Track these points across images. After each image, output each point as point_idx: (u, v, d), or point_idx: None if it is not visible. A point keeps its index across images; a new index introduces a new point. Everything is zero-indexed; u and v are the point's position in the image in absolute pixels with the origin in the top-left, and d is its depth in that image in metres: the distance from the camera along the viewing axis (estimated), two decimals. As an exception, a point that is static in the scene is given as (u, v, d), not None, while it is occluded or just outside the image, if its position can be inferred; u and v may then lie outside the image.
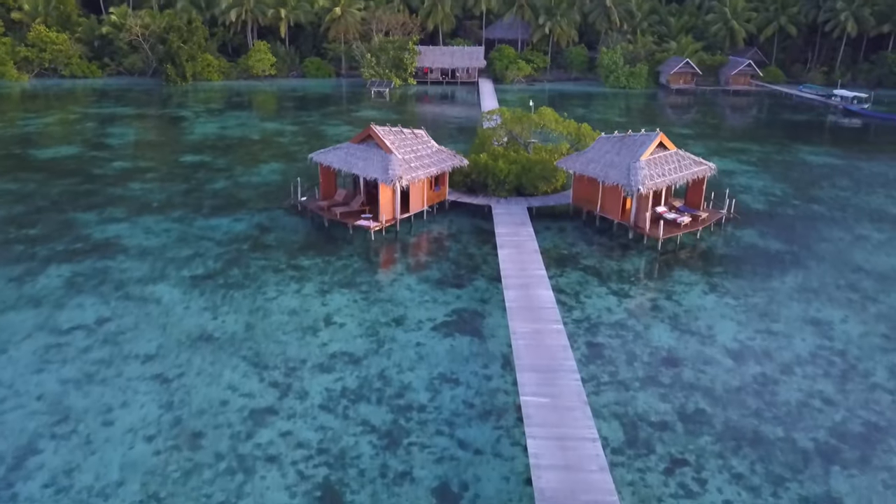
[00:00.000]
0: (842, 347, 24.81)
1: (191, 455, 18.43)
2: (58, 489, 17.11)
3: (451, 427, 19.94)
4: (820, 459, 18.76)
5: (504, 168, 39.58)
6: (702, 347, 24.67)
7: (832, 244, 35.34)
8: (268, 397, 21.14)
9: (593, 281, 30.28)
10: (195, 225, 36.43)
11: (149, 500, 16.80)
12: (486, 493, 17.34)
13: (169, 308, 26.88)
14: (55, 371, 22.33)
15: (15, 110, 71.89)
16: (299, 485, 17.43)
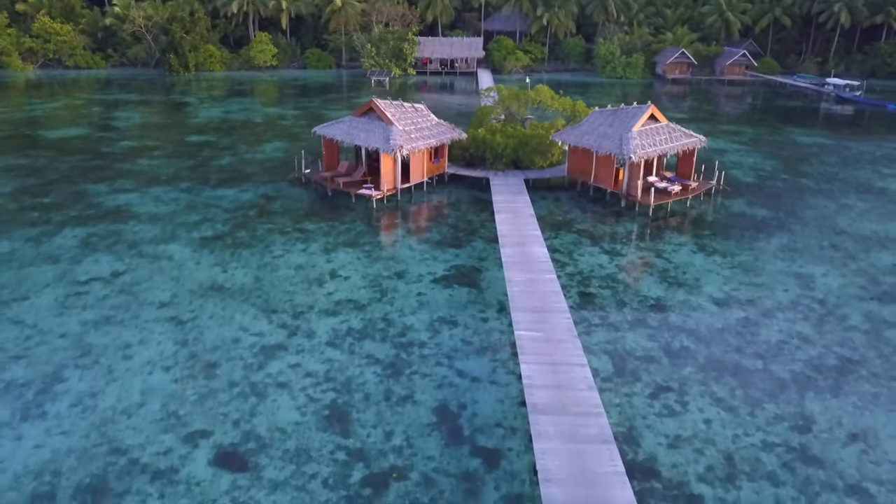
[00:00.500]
0: (821, 297, 26.11)
1: (206, 383, 19.70)
2: (84, 408, 18.37)
3: (450, 360, 21.22)
4: (795, 386, 20.05)
5: (501, 142, 40.87)
6: (688, 296, 25.97)
7: (817, 211, 36.66)
8: (277, 336, 22.42)
9: (586, 242, 31.57)
10: (202, 195, 37.69)
11: (168, 417, 18.07)
12: (482, 412, 18.62)
13: (181, 263, 28.16)
14: (76, 314, 23.59)
15: (21, 97, 73.15)
16: (308, 406, 18.71)
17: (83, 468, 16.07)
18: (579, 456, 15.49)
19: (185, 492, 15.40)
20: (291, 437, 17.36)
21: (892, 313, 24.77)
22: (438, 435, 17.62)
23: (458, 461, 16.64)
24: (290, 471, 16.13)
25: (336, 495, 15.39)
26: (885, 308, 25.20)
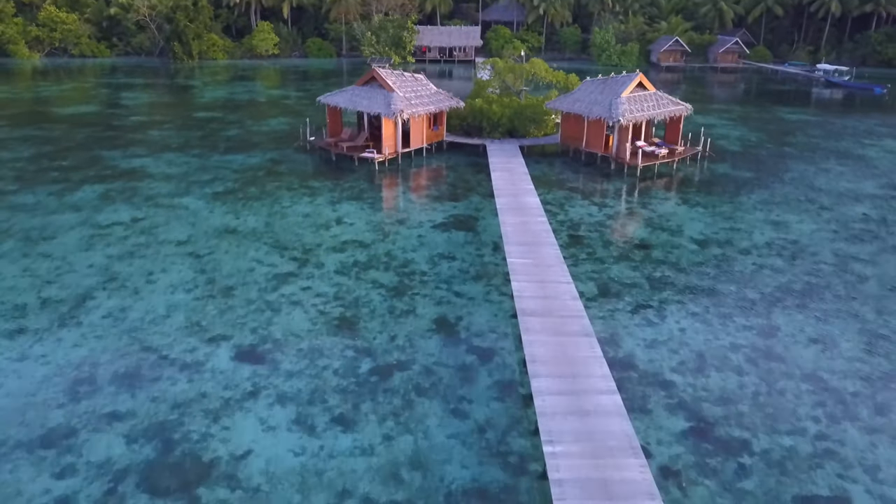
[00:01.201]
0: (795, 238, 27.98)
1: (224, 301, 21.53)
2: (114, 319, 20.19)
3: (448, 284, 23.06)
4: (764, 304, 21.90)
5: (498, 111, 42.74)
6: (671, 238, 27.83)
7: (797, 173, 38.54)
8: (288, 267, 24.25)
9: (577, 197, 33.42)
10: (212, 159, 39.49)
11: (192, 326, 19.89)
12: (477, 322, 20.46)
13: (195, 212, 29.98)
14: (100, 250, 25.42)
15: (30, 82, 74.91)
16: (319, 318, 20.54)
17: (117, 361, 17.89)
18: (562, 346, 17.35)
19: (210, 378, 17.23)
20: (304, 340, 19.19)
21: (859, 251, 26.64)
22: (437, 338, 19.46)
23: (456, 357, 18.49)
24: (304, 364, 17.95)
25: (346, 381, 17.21)
26: (852, 246, 27.07)
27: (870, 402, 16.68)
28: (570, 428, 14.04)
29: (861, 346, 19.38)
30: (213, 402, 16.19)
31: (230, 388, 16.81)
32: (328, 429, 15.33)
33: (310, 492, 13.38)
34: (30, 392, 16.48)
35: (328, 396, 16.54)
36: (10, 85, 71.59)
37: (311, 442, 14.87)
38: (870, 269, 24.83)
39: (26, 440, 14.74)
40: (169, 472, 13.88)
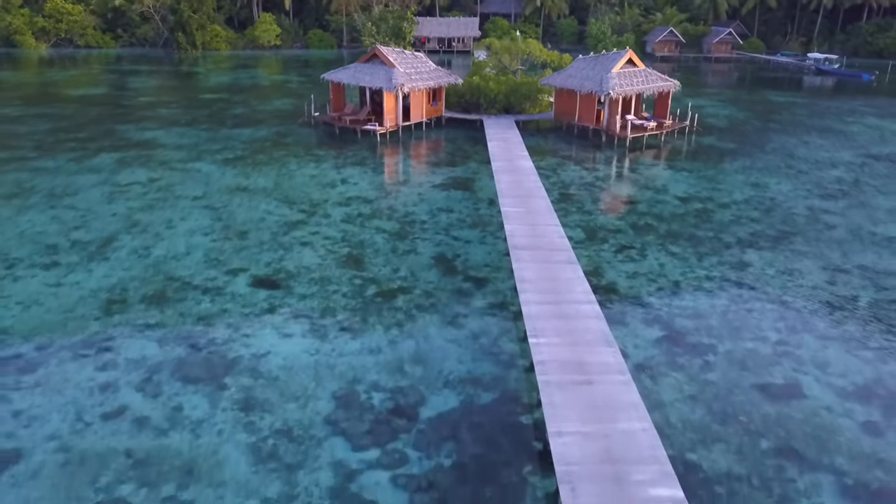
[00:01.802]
0: (772, 196, 29.80)
1: (240, 242, 23.32)
2: (139, 255, 21.97)
3: (446, 231, 24.86)
4: (738, 246, 23.72)
5: (494, 88, 44.54)
6: (656, 195, 29.64)
7: (779, 144, 40.38)
8: (298, 216, 26.04)
9: (569, 163, 35.24)
10: (221, 133, 41.26)
11: (211, 261, 21.68)
12: (473, 258, 22.27)
13: (208, 174, 31.76)
14: (122, 203, 27.20)
15: (39, 69, 76.64)
16: (328, 255, 22.33)
17: (145, 287, 19.68)
18: (549, 270, 19.14)
19: (230, 299, 19.02)
20: (315, 271, 20.98)
21: (830, 206, 28.47)
22: (437, 270, 21.26)
23: (453, 283, 20.30)
24: (315, 289, 19.75)
25: (354, 302, 19.01)
26: (824, 202, 28.91)
27: (827, 318, 18.50)
28: (552, 326, 15.84)
29: (824, 277, 21.20)
30: (233, 317, 17.98)
31: (248, 306, 18.60)
32: (338, 336, 17.12)
33: (323, 380, 15.16)
34: (68, 309, 18.27)
35: (338, 312, 18.33)
36: (20, 71, 73.35)
37: (323, 345, 16.66)
38: (838, 220, 26.66)
39: (69, 343, 16.52)
40: (198, 366, 15.66)
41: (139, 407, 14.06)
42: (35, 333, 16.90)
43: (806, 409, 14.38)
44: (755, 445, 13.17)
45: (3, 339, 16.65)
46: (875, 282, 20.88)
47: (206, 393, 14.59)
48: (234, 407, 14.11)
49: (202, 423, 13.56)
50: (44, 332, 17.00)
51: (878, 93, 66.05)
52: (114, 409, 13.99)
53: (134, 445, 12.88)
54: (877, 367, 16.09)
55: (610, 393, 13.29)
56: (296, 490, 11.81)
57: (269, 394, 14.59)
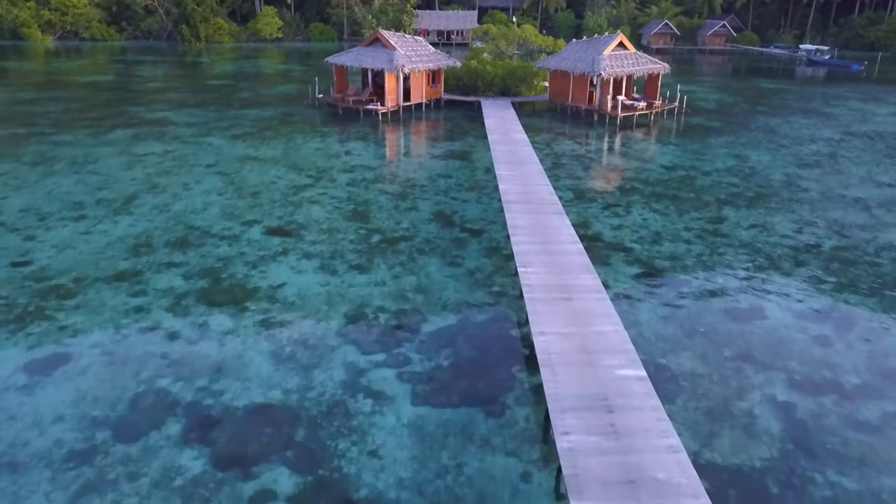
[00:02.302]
0: (752, 165, 31.56)
1: (252, 200, 25.03)
2: (160, 210, 23.69)
3: (445, 192, 26.60)
4: (716, 205, 25.45)
5: (491, 71, 46.30)
6: (643, 164, 31.39)
7: (764, 124, 42.14)
8: (306, 181, 27.77)
9: (562, 138, 36.98)
10: (228, 113, 42.98)
11: (226, 215, 23.37)
12: (470, 214, 23.99)
13: (219, 147, 33.47)
14: (140, 169, 28.91)
15: (47, 59, 78.31)
16: (335, 211, 24.05)
17: (168, 234, 21.39)
18: (538, 220, 20.86)
19: (246, 244, 20.74)
20: (324, 223, 22.71)
21: (806, 173, 30.23)
22: (436, 223, 22.99)
23: (451, 234, 22.03)
24: (324, 237, 21.46)
25: (360, 247, 20.73)
26: (800, 170, 30.67)
27: (792, 259, 20.24)
28: (540, 259, 17.57)
29: (792, 228, 22.96)
30: (250, 258, 19.71)
31: (264, 249, 20.33)
32: (347, 272, 18.85)
33: (334, 304, 16.89)
34: (99, 251, 19.98)
35: (346, 254, 20.06)
36: (29, 62, 75.02)
37: (333, 279, 18.39)
38: (812, 185, 28.42)
39: (102, 276, 18.24)
40: (220, 294, 17.37)
41: (170, 324, 15.78)
42: (71, 269, 18.61)
43: (766, 327, 16.12)
44: (718, 353, 14.91)
45: (41, 272, 18.37)
46: (839, 232, 22.65)
47: (230, 314, 16.31)
48: (256, 324, 15.84)
49: (227, 335, 15.28)
50: (79, 268, 18.71)
51: (866, 81, 67.81)
52: (148, 325, 15.71)
53: (168, 350, 14.60)
54: (834, 296, 17.83)
55: (588, 306, 15.03)
56: (312, 383, 13.53)
57: (287, 314, 16.32)
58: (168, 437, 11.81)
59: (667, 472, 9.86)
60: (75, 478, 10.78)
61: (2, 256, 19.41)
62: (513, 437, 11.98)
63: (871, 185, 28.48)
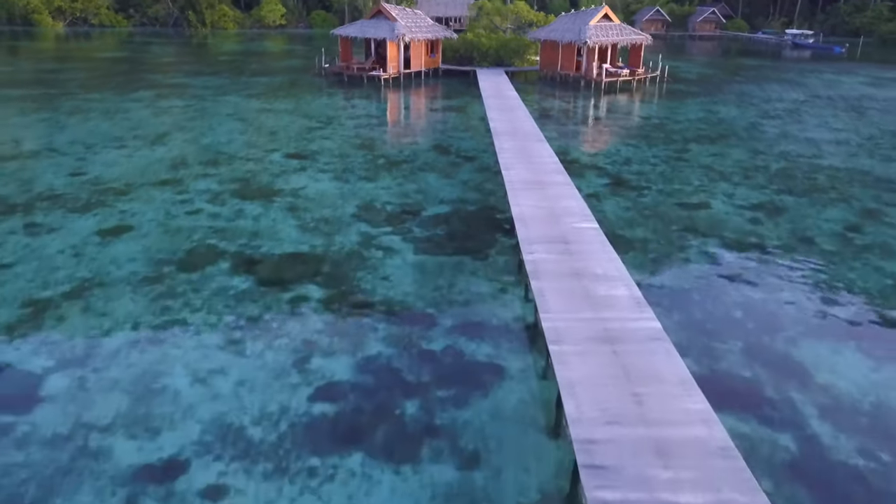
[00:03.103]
0: (721, 117, 34.74)
1: (270, 137, 28.13)
2: (190, 143, 26.80)
3: (442, 132, 29.77)
4: (683, 142, 28.63)
5: (486, 43, 49.46)
6: (621, 116, 34.59)
7: (738, 89, 45.33)
8: (317, 124, 30.91)
9: (550, 98, 40.17)
10: (241, 80, 46.10)
11: (249, 145, 26.48)
12: (464, 147, 27.16)
13: (236, 102, 36.61)
14: (166, 118, 32.06)
15: (60, 42, 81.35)
16: (344, 143, 27.18)
17: (200, 157, 24.51)
18: (524, 146, 24.05)
19: (268, 164, 23.88)
20: (335, 151, 25.86)
21: (768, 122, 33.41)
22: (434, 152, 26.16)
23: (447, 159, 25.21)
24: (336, 159, 24.61)
25: (367, 165, 23.88)
26: (764, 121, 33.84)
27: (741, 174, 23.42)
28: (522, 166, 20.78)
29: (747, 156, 26.15)
30: (274, 171, 22.86)
31: (284, 167, 23.48)
32: (357, 181, 22.00)
33: (347, 200, 20.04)
34: (142, 167, 23.12)
35: (355, 170, 23.22)
36: (44, 43, 78.05)
37: (345, 185, 21.54)
38: (771, 129, 31.62)
39: (149, 182, 21.38)
40: (251, 192, 20.51)
41: (211, 209, 18.93)
42: (121, 178, 21.76)
43: (710, 213, 19.30)
44: (667, 228, 18.08)
45: (96, 180, 21.51)
46: (786, 158, 25.86)
47: (260, 204, 19.47)
48: (283, 209, 19.01)
49: (260, 216, 18.45)
50: (127, 178, 21.85)
51: (846, 61, 70.94)
52: (193, 209, 18.87)
53: (212, 224, 17.76)
54: (770, 196, 21.02)
55: (558, 191, 18.24)
56: (333, 242, 16.68)
57: (308, 204, 19.48)
58: (220, 270, 14.97)
59: (604, 268, 13.07)
60: (151, 291, 13.93)
61: (60, 171, 22.57)
62: (494, 271, 15.15)
63: (824, 129, 31.68)
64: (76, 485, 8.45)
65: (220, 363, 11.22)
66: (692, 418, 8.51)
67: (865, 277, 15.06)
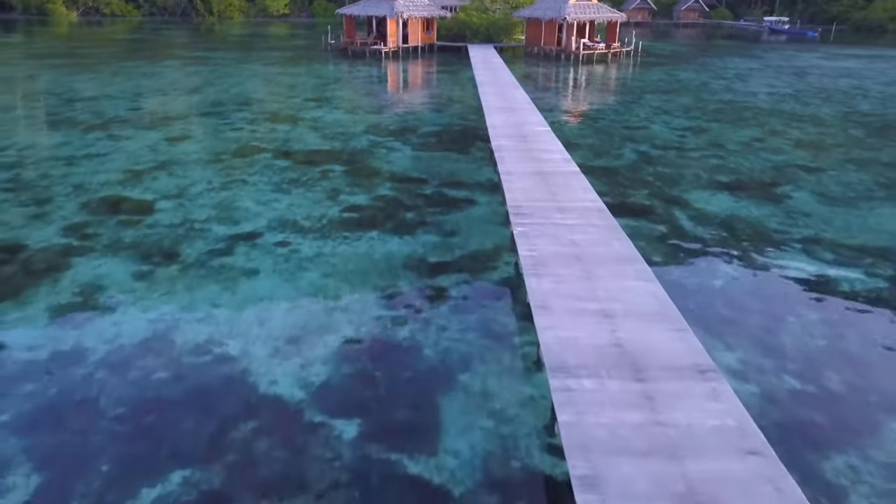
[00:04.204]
0: (680, 78, 39.68)
1: (290, 90, 33.00)
2: (222, 92, 31.63)
3: (436, 86, 34.71)
4: (640, 91, 33.53)
5: (477, 22, 54.39)
6: (592, 78, 39.57)
7: (703, 61, 50.29)
8: (327, 82, 35.80)
9: (533, 66, 45.10)
10: (255, 54, 50.92)
11: (272, 94, 31.36)
12: (452, 95, 32.09)
13: (254, 69, 41.45)
14: (195, 77, 36.91)
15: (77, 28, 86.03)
16: (352, 94, 32.08)
17: (232, 100, 29.33)
18: (503, 93, 28.98)
19: (290, 105, 28.71)
20: (345, 98, 30.76)
21: (718, 81, 38.37)
22: (428, 98, 31.08)
23: (439, 101, 30.11)
24: (346, 102, 29.48)
25: (372, 108, 28.75)
26: (715, 81, 38.79)
27: (682, 112, 28.33)
28: (503, 110, 25.68)
29: (692, 101, 31.07)
30: (295, 108, 27.71)
31: (304, 106, 28.33)
32: (365, 114, 26.90)
33: (357, 124, 24.89)
34: (187, 106, 27.97)
35: (363, 108, 28.13)
36: (63, 29, 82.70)
37: (355, 117, 26.42)
38: (719, 86, 36.55)
39: (195, 114, 26.23)
40: (279, 119, 25.35)
41: (250, 128, 23.76)
42: (171, 111, 26.62)
43: (648, 132, 24.21)
44: (610, 139, 22.98)
45: (152, 112, 26.36)
46: (723, 102, 30.81)
47: (287, 125, 24.34)
48: (306, 128, 23.90)
49: (289, 131, 23.31)
50: (175, 112, 26.71)
51: (816, 44, 75.89)
52: (235, 128, 23.71)
53: (252, 136, 22.63)
54: (702, 123, 25.94)
55: (527, 118, 23.20)
56: (349, 144, 21.54)
57: (326, 125, 24.38)
58: (264, 157, 19.83)
59: (550, 152, 17.99)
60: (215, 165, 18.77)
61: (121, 107, 27.42)
62: (474, 161, 20.05)
63: (764, 86, 36.63)
64: (193, 241, 13.33)
65: (275, 196, 16.13)
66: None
67: (752, 163, 20.00)
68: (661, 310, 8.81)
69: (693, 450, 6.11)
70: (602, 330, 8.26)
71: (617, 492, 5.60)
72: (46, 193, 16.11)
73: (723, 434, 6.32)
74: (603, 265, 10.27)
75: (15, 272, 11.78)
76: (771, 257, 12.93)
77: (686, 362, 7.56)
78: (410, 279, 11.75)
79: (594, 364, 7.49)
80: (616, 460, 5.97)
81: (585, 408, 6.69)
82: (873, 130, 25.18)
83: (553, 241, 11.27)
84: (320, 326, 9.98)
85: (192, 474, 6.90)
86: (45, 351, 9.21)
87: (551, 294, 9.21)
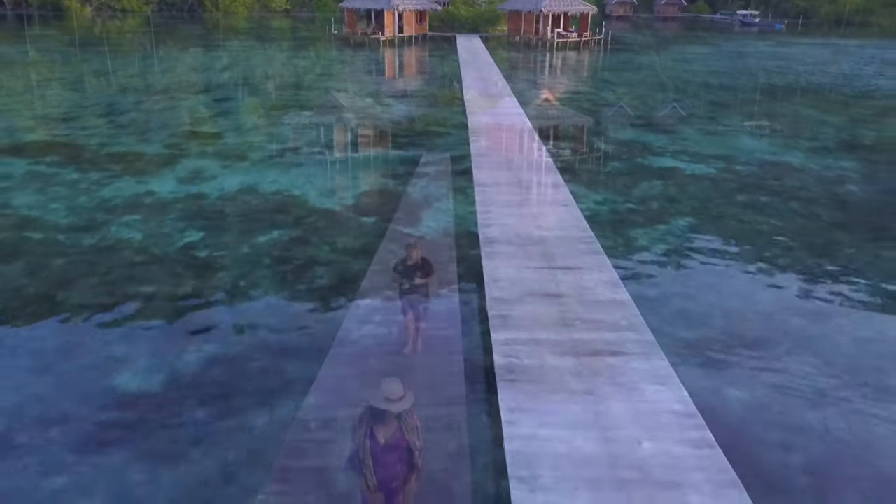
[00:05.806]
0: (637, 61, 46.16)
1: (305, 67, 39.38)
2: (248, 69, 38.02)
3: (430, 65, 41.14)
4: (598, 70, 40.04)
5: (465, 14, 60.84)
6: (560, 61, 46.03)
7: (664, 48, 56.80)
8: (333, 63, 42.21)
9: (513, 52, 51.59)
10: (266, 43, 57.21)
11: (290, 71, 37.73)
12: (438, 71, 38.53)
13: (269, 53, 47.83)
14: (223, 59, 43.24)
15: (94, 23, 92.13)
16: (356, 69, 38.47)
17: (260, 73, 35.75)
18: (480, 72, 35.42)
19: (306, 77, 35.12)
20: (350, 72, 37.16)
21: (679, 67, 44.78)
22: (421, 72, 37.54)
23: (428, 75, 36.56)
24: (351, 76, 35.90)
25: (374, 79, 35.19)
26: (671, 63, 45.28)
27: (623, 84, 34.81)
28: (476, 80, 32.13)
29: (645, 76, 37.56)
30: (312, 79, 34.09)
31: (318, 80, 34.66)
32: (369, 86, 33.33)
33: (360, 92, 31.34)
34: (226, 79, 34.36)
35: (366, 83, 34.56)
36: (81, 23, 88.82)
37: (361, 87, 32.81)
38: (669, 66, 43.04)
39: (234, 83, 32.61)
40: (301, 85, 31.76)
41: (278, 92, 30.20)
42: (211, 81, 32.99)
43: (594, 97, 30.69)
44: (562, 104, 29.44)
45: (192, 83, 32.75)
46: (660, 77, 37.29)
47: (306, 90, 30.77)
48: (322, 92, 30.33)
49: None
50: (215, 82, 33.09)
51: (781, 35, 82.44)
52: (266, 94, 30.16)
53: (280, 96, 29.06)
54: (635, 91, 32.41)
55: (495, 85, 29.64)
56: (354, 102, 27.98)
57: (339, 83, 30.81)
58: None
59: (509, 106, 24.49)
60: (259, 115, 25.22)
61: (169, 72, 33.79)
62: (450, 111, 26.49)
63: (701, 65, 43.19)
64: (255, 152, 19.76)
65: (308, 131, 22.60)
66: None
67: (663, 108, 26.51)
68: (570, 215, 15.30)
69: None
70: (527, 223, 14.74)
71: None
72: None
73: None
74: (533, 188, 16.77)
75: (148, 164, 18.24)
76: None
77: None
78: (407, 167, 18.24)
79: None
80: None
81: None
82: (747, 92, 31.73)
83: (503, 165, 17.73)
84: (345, 182, 16.49)
85: (284, 232, 13.40)
86: (182, 194, 15.67)
87: (494, 203, 15.70)
